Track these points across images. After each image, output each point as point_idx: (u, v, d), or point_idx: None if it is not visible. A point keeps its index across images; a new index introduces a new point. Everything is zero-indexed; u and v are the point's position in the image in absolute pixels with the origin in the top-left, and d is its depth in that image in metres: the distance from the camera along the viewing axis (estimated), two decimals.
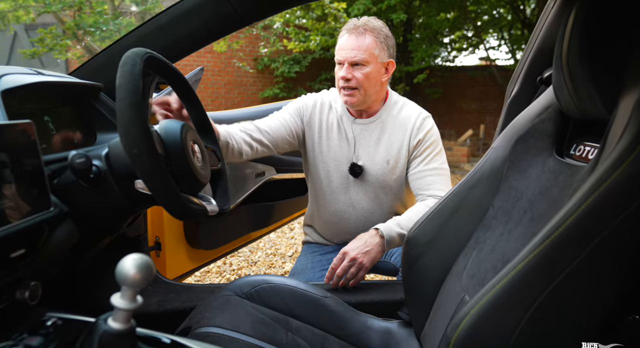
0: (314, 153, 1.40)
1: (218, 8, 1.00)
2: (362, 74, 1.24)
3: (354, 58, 1.23)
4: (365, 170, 1.35)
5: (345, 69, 1.24)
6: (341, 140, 1.37)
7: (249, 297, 1.01)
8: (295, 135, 1.37)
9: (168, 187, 0.70)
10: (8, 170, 0.56)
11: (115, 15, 5.47)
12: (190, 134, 0.84)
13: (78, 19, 5.20)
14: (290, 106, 1.40)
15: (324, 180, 1.40)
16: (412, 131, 1.33)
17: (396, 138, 1.34)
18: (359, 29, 1.24)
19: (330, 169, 1.38)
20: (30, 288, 0.61)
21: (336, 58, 1.28)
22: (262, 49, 7.11)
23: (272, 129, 1.30)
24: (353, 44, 1.23)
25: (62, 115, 0.90)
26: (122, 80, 0.69)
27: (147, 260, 0.55)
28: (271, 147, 1.31)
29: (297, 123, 1.37)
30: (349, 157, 1.36)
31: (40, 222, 0.61)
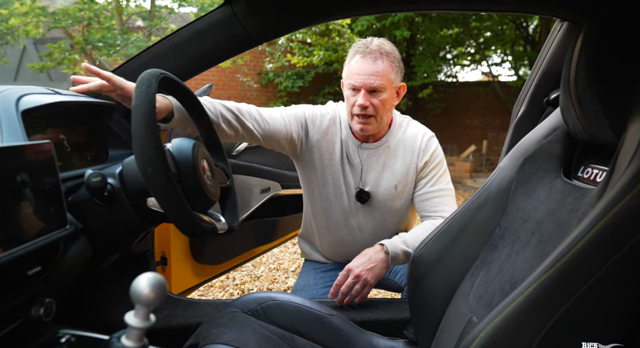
0: (320, 174, 1.35)
1: (229, 29, 1.02)
2: (379, 100, 1.20)
3: (373, 84, 1.18)
4: (372, 196, 1.33)
5: (363, 96, 1.18)
6: (347, 165, 1.33)
7: (255, 314, 1.01)
8: (291, 140, 1.28)
9: (180, 205, 0.71)
10: (28, 189, 0.58)
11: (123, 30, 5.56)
12: (201, 152, 0.86)
13: (87, 34, 5.29)
14: (300, 111, 1.31)
15: (329, 204, 1.37)
16: (419, 153, 1.31)
17: (402, 162, 1.32)
18: (374, 53, 1.18)
19: (337, 193, 1.35)
20: (45, 305, 0.62)
21: (349, 82, 1.22)
22: (267, 65, 7.19)
23: (272, 123, 1.21)
24: (370, 69, 1.18)
25: (76, 132, 0.92)
26: (137, 101, 0.71)
27: (161, 279, 0.56)
28: (261, 140, 1.21)
29: (299, 132, 1.29)
30: (356, 183, 1.34)
31: (57, 239, 0.62)
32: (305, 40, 6.74)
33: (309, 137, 1.31)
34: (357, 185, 1.34)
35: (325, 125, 1.32)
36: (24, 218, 0.56)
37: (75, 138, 0.91)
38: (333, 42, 6.11)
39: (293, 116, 1.28)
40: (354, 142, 1.33)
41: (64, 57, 5.49)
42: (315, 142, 1.32)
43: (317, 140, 1.32)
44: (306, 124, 1.31)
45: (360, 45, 1.23)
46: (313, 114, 1.32)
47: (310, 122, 1.32)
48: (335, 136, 1.33)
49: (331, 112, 1.35)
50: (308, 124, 1.31)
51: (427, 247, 0.95)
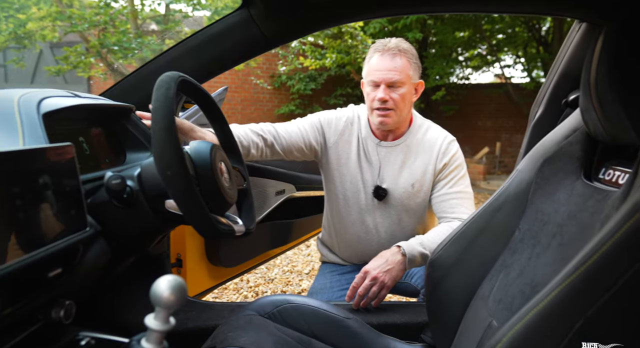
0: (337, 173, 1.39)
1: (246, 32, 1.02)
2: (398, 94, 1.25)
3: (392, 79, 1.24)
4: (389, 193, 1.35)
5: (383, 90, 1.24)
6: (365, 162, 1.36)
7: (271, 317, 1.01)
8: (311, 148, 1.36)
9: (199, 208, 0.71)
10: (50, 191, 0.58)
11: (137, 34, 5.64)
12: (219, 154, 0.86)
13: (102, 37, 5.38)
14: (315, 118, 1.39)
15: (346, 202, 1.40)
16: (438, 155, 1.33)
17: (421, 161, 1.34)
18: (393, 50, 1.25)
19: (354, 191, 1.37)
20: (65, 307, 0.63)
21: (369, 79, 1.28)
22: (280, 67, 7.23)
23: (289, 137, 1.31)
24: (389, 65, 1.24)
25: (94, 135, 0.93)
26: (157, 103, 0.72)
27: (181, 281, 0.56)
28: (282, 154, 1.32)
29: (317, 138, 1.37)
30: (373, 180, 1.36)
31: (77, 241, 0.63)
32: (317, 42, 6.76)
33: (327, 140, 1.38)
34: (375, 182, 1.35)
35: (341, 127, 1.38)
36: (45, 221, 0.57)
37: (93, 140, 0.92)
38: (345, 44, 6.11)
39: (309, 125, 1.36)
40: (373, 140, 1.36)
41: (79, 61, 5.59)
42: (333, 143, 1.38)
43: (334, 142, 1.38)
44: (322, 129, 1.38)
45: (378, 45, 1.28)
46: (328, 119, 1.39)
47: (326, 127, 1.38)
48: (352, 136, 1.37)
49: (349, 113, 1.41)
50: (324, 129, 1.38)
51: (445, 249, 0.94)
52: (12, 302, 0.51)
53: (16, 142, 0.62)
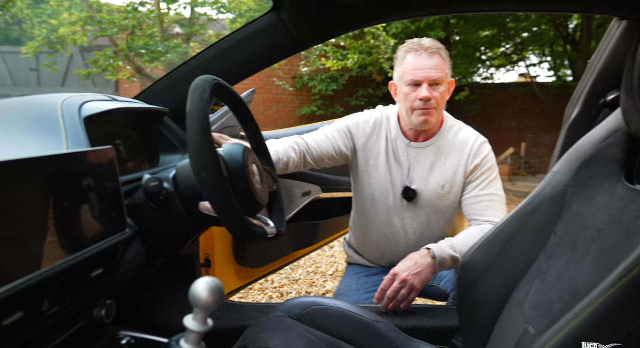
0: (366, 175, 1.39)
1: (276, 35, 1.03)
2: (439, 93, 1.25)
3: (434, 77, 1.23)
4: (418, 194, 1.33)
5: (426, 88, 1.23)
6: (394, 163, 1.36)
7: (301, 319, 1.01)
8: (342, 154, 1.37)
9: (233, 210, 0.72)
10: (93, 193, 0.60)
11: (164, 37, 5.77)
12: (251, 156, 0.87)
13: (130, 41, 5.53)
14: (343, 124, 1.39)
15: (374, 204, 1.39)
16: (469, 156, 1.31)
17: (452, 163, 1.32)
18: (431, 49, 1.24)
19: (382, 192, 1.37)
20: (106, 306, 0.64)
21: (409, 79, 1.25)
22: (302, 68, 7.26)
23: (319, 148, 1.34)
24: (430, 63, 1.23)
25: (130, 138, 0.95)
26: (192, 107, 0.73)
27: (219, 283, 0.57)
28: (313, 164, 1.35)
29: (347, 143, 1.37)
30: (403, 180, 1.35)
31: (118, 242, 0.64)
32: (339, 43, 6.77)
33: (356, 143, 1.38)
34: (404, 183, 1.34)
35: (369, 130, 1.38)
36: (89, 222, 0.58)
37: (129, 143, 0.94)
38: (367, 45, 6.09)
39: (337, 131, 1.37)
40: (403, 141, 1.35)
41: (108, 64, 5.76)
42: (361, 146, 1.38)
43: (363, 145, 1.38)
44: (351, 133, 1.38)
45: (413, 45, 1.27)
46: (356, 122, 1.39)
47: (354, 130, 1.38)
48: (381, 137, 1.37)
49: (377, 115, 1.40)
50: (353, 133, 1.38)
51: (477, 253, 0.92)
52: (59, 302, 0.53)
53: (60, 145, 0.64)
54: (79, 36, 6.05)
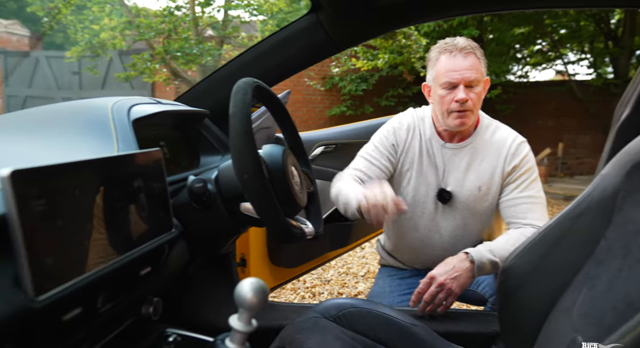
0: (401, 178, 1.37)
1: (314, 37, 1.04)
2: (475, 94, 1.22)
3: (470, 78, 1.20)
4: (454, 196, 1.31)
5: (462, 90, 1.19)
6: (429, 165, 1.33)
7: (337, 320, 1.01)
8: (391, 170, 1.37)
9: (275, 211, 0.73)
10: (142, 194, 0.62)
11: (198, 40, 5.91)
12: (290, 158, 0.88)
13: (166, 44, 5.70)
14: (382, 140, 1.37)
15: (409, 206, 1.37)
16: (507, 157, 1.27)
17: (488, 164, 1.29)
18: (466, 49, 1.21)
19: (417, 194, 1.35)
20: (153, 304, 0.66)
21: (445, 81, 1.22)
22: (333, 69, 7.27)
23: (373, 176, 1.34)
24: (464, 64, 1.20)
25: (173, 139, 0.97)
26: (235, 109, 0.74)
27: (263, 284, 0.57)
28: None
29: (391, 159, 1.36)
30: (437, 182, 1.33)
31: (165, 242, 0.66)
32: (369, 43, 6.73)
33: (397, 152, 1.37)
34: (439, 185, 1.32)
35: (403, 136, 1.36)
36: (139, 222, 0.60)
37: (172, 144, 0.97)
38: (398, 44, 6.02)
39: (380, 153, 1.36)
40: (438, 142, 1.33)
41: (145, 67, 5.95)
42: (400, 152, 1.37)
43: (401, 151, 1.37)
44: (393, 147, 1.37)
45: (447, 45, 1.23)
46: (392, 132, 1.37)
47: (394, 141, 1.36)
48: (415, 139, 1.35)
49: (409, 119, 1.38)
50: (393, 144, 1.37)
51: (519, 258, 0.90)
52: (112, 298, 0.55)
53: (111, 147, 0.67)
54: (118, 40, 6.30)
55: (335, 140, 1.74)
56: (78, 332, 0.50)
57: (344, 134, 1.77)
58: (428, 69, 1.29)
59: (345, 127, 1.80)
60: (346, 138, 1.78)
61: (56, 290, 0.43)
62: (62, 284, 0.44)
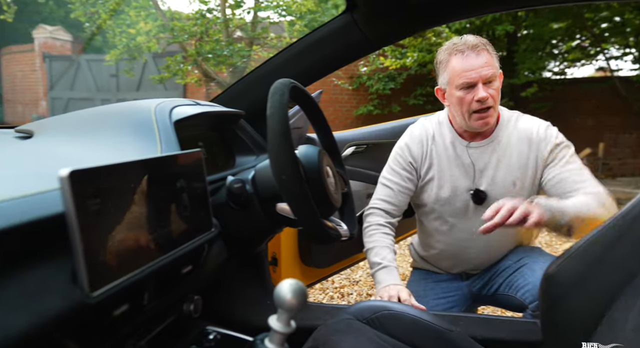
0: (427, 187, 1.35)
1: (349, 36, 1.03)
2: (494, 89, 1.19)
3: (488, 75, 1.17)
4: (489, 195, 1.27)
5: (482, 88, 1.17)
6: (457, 168, 1.30)
7: (370, 323, 0.99)
8: (414, 188, 1.37)
9: (312, 212, 0.73)
10: (185, 194, 0.63)
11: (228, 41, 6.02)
12: (325, 158, 0.87)
13: (198, 46, 5.84)
14: (398, 160, 1.36)
15: (440, 213, 1.34)
16: (539, 143, 1.23)
17: (519, 156, 1.24)
18: (478, 47, 1.18)
19: (447, 200, 1.32)
20: (194, 301, 0.67)
21: (462, 82, 1.19)
22: (361, 68, 7.23)
23: (401, 204, 1.36)
24: (479, 61, 1.17)
25: (210, 140, 0.99)
26: (272, 110, 0.74)
27: (302, 286, 0.57)
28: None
29: (413, 178, 1.35)
30: (469, 184, 1.29)
31: (205, 241, 0.67)
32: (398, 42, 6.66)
33: (415, 166, 1.36)
34: (472, 186, 1.29)
35: (418, 150, 1.34)
36: (181, 222, 0.61)
37: (209, 145, 0.98)
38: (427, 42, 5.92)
39: (399, 175, 1.35)
40: (462, 143, 1.30)
41: (178, 69, 6.12)
42: (418, 166, 1.35)
43: (420, 164, 1.35)
44: (410, 165, 1.36)
45: (456, 45, 1.20)
46: (407, 148, 1.35)
47: (410, 158, 1.35)
48: (437, 145, 1.33)
49: (420, 129, 1.36)
50: (410, 162, 1.36)
51: (564, 264, 0.86)
52: (156, 296, 0.56)
53: (155, 148, 0.68)
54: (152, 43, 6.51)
55: (366, 140, 1.73)
56: (125, 327, 0.52)
57: (374, 134, 1.75)
58: (439, 72, 1.26)
59: (375, 127, 1.78)
60: (376, 138, 1.76)
61: (109, 286, 0.44)
62: (114, 281, 0.45)
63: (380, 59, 6.74)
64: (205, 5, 6.05)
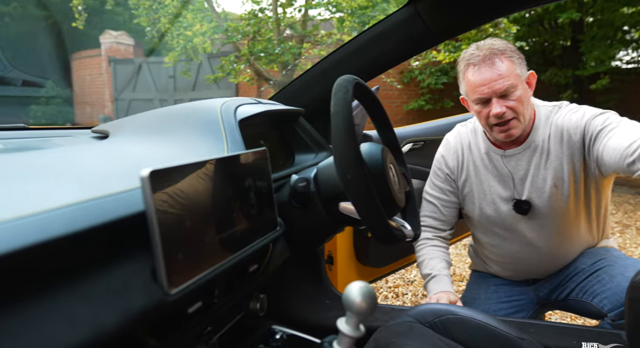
0: (467, 200, 1.29)
1: (411, 29, 0.99)
2: (515, 100, 1.09)
3: (501, 89, 1.07)
4: (533, 205, 1.18)
5: (496, 103, 1.09)
6: (495, 178, 1.22)
7: (432, 327, 0.96)
8: (457, 197, 1.33)
9: (377, 213, 0.71)
10: (252, 193, 0.63)
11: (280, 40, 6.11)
12: (388, 156, 0.85)
13: (251, 46, 5.98)
14: (441, 174, 1.32)
15: (486, 224, 1.28)
16: (570, 131, 1.11)
17: (555, 155, 1.14)
18: (488, 58, 1.08)
19: (492, 212, 1.25)
20: (260, 300, 0.68)
21: (475, 97, 1.11)
22: (413, 62, 7.07)
23: (448, 218, 1.33)
24: (492, 74, 1.08)
25: (271, 138, 1.00)
26: (337, 107, 0.73)
27: (372, 290, 0.55)
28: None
29: (455, 190, 1.31)
30: (510, 194, 1.21)
31: (271, 240, 0.67)
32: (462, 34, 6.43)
33: (454, 176, 1.32)
34: (512, 196, 1.21)
35: (454, 162, 1.30)
36: (249, 220, 0.62)
37: (270, 143, 0.99)
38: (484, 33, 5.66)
39: (440, 190, 1.32)
40: (497, 152, 1.22)
41: (231, 69, 6.30)
42: (456, 178, 1.31)
43: (456, 176, 1.30)
44: (449, 177, 1.32)
45: (469, 56, 1.11)
46: (444, 165, 1.32)
47: (447, 170, 1.32)
48: (472, 155, 1.27)
49: (456, 139, 1.31)
50: (447, 174, 1.32)
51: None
52: (226, 293, 0.57)
53: (221, 147, 0.69)
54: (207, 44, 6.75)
55: (423, 137, 1.68)
56: (198, 325, 0.52)
57: (430, 130, 1.70)
58: (459, 81, 1.18)
59: (431, 123, 1.72)
60: (433, 134, 1.70)
61: (185, 284, 0.45)
62: (190, 279, 0.46)
63: (433, 53, 6.54)
64: (257, 5, 6.18)
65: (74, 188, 0.44)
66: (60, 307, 0.35)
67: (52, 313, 0.34)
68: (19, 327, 0.32)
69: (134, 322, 0.39)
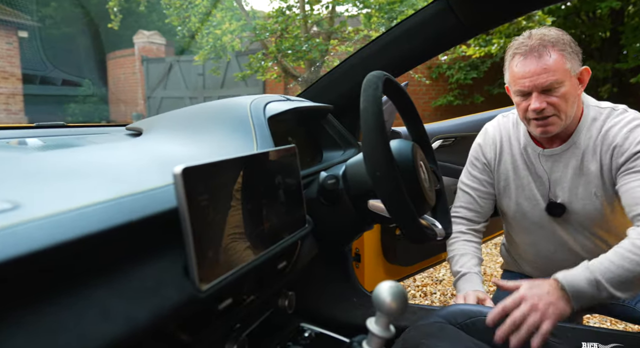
0: (505, 192, 1.24)
1: (443, 23, 0.97)
2: (557, 97, 1.02)
3: (545, 83, 1.01)
4: (568, 209, 1.12)
5: (536, 98, 1.03)
6: (530, 176, 1.17)
7: (464, 328, 0.93)
8: (493, 189, 1.27)
9: (408, 211, 0.69)
10: (281, 190, 0.63)
11: (307, 37, 6.12)
12: (419, 153, 0.83)
13: (278, 43, 6.02)
14: (478, 164, 1.27)
15: (520, 221, 1.23)
16: (614, 149, 1.04)
17: (597, 162, 1.07)
18: (537, 48, 1.01)
19: (526, 209, 1.20)
20: (288, 297, 0.67)
21: (516, 89, 1.06)
22: (441, 57, 6.94)
23: (484, 210, 1.28)
24: (536, 67, 1.01)
25: (299, 135, 0.99)
26: (366, 104, 0.71)
27: (403, 290, 0.54)
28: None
29: (492, 181, 1.26)
30: (544, 195, 1.15)
31: (299, 237, 0.67)
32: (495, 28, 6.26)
33: (491, 170, 1.26)
34: (547, 198, 1.15)
35: (491, 153, 1.24)
36: (279, 217, 0.61)
37: (298, 140, 0.99)
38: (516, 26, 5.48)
39: (477, 179, 1.27)
40: (534, 149, 1.15)
41: (259, 66, 6.36)
42: (493, 170, 1.25)
43: (493, 168, 1.25)
44: (486, 167, 1.27)
45: (517, 45, 1.05)
46: (482, 154, 1.27)
47: (484, 160, 1.26)
48: (507, 149, 1.21)
49: (496, 130, 1.25)
50: (484, 163, 1.27)
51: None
52: (255, 290, 0.57)
53: (251, 144, 0.69)
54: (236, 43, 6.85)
55: (454, 133, 1.64)
56: (228, 321, 0.53)
57: (461, 127, 1.66)
58: (504, 69, 1.12)
59: (461, 120, 1.68)
60: (465, 131, 1.66)
61: (216, 281, 0.45)
62: (221, 275, 0.46)
63: (462, 48, 6.39)
64: (285, 3, 6.20)
65: (109, 185, 0.45)
66: (96, 302, 0.35)
67: (88, 308, 0.35)
68: (56, 321, 0.32)
69: (166, 317, 0.39)
